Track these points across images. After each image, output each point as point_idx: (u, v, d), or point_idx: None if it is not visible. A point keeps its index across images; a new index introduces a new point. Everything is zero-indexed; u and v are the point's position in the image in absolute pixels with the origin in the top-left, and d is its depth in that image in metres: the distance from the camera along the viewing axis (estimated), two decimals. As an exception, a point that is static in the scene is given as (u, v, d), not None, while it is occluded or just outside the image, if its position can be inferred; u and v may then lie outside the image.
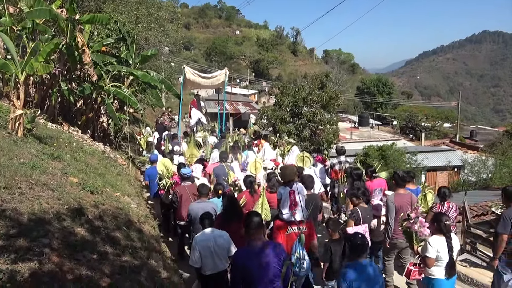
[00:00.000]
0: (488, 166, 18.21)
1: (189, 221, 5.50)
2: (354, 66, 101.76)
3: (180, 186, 6.55)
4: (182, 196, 6.30)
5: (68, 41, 8.53)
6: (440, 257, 4.07)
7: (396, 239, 5.28)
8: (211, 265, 4.22)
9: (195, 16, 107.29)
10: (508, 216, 4.56)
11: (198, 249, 4.18)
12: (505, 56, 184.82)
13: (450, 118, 39.29)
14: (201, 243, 4.22)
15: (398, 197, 5.29)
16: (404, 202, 5.17)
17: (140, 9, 16.37)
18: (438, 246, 4.07)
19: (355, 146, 23.99)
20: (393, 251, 5.52)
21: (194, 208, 5.40)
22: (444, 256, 4.07)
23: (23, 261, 2.64)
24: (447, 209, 5.34)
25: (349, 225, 5.10)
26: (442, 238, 4.09)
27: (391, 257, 5.60)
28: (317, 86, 16.35)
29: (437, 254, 4.06)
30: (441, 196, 5.45)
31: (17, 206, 3.38)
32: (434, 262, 4.10)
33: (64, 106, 10.53)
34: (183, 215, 6.16)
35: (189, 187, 6.37)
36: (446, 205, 5.39)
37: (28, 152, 5.11)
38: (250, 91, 50.64)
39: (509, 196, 4.70)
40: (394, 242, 5.33)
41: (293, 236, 4.34)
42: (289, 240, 4.31)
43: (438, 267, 4.13)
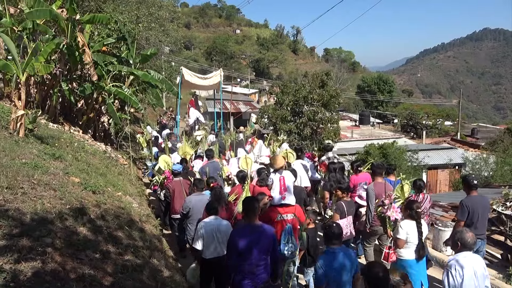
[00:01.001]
0: (489, 164, 18.18)
1: (186, 213, 5.70)
2: (355, 64, 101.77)
3: (173, 181, 6.87)
4: (175, 190, 6.63)
5: (68, 41, 8.54)
6: (410, 239, 4.49)
7: (376, 226, 5.67)
8: (213, 250, 4.47)
9: (195, 16, 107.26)
10: (466, 204, 5.03)
11: (202, 234, 4.43)
12: (506, 53, 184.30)
13: (451, 116, 39.25)
14: (206, 228, 4.46)
15: (377, 185, 5.75)
16: (381, 190, 5.59)
17: (140, 8, 16.36)
18: (408, 229, 4.50)
19: (356, 145, 23.97)
20: (373, 237, 5.94)
21: (192, 200, 5.70)
22: (413, 239, 4.49)
23: (26, 261, 2.66)
24: (421, 200, 5.78)
25: (335, 219, 5.31)
26: (412, 222, 4.53)
27: (371, 243, 6.00)
28: (318, 85, 16.34)
29: (407, 236, 4.49)
30: (416, 188, 5.92)
31: (19, 206, 3.40)
32: (404, 243, 4.52)
33: (65, 106, 10.55)
34: (177, 208, 6.45)
35: (182, 181, 6.69)
36: (421, 196, 5.86)
37: (29, 152, 5.13)
38: (250, 90, 50.60)
39: (468, 185, 5.17)
40: (374, 228, 5.72)
41: (282, 223, 4.62)
42: (277, 226, 4.61)
43: (408, 249, 4.55)
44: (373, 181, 6.03)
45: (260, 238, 3.78)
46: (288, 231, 4.56)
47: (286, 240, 4.53)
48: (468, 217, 5.02)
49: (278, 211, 4.76)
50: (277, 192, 4.80)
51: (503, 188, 8.80)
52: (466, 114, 68.66)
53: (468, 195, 5.20)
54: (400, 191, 5.80)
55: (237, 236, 3.81)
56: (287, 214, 4.74)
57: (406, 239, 4.50)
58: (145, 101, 14.87)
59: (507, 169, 16.93)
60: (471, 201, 5.07)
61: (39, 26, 8.27)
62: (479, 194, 5.37)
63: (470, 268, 3.57)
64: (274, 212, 4.79)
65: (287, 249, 4.55)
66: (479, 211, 5.04)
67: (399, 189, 5.81)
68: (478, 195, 5.27)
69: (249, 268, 3.78)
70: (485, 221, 5.25)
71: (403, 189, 5.80)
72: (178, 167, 7.02)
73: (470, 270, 3.56)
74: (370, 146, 18.95)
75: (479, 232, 5.03)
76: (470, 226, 5.00)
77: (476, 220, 5.03)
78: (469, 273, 3.55)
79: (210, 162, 7.98)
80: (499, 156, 19.05)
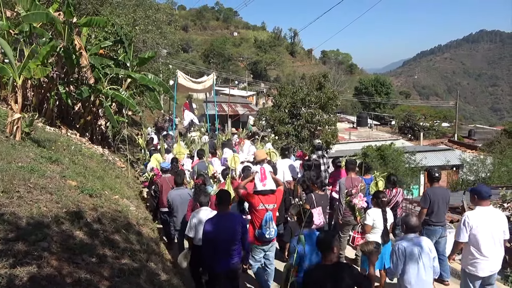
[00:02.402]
0: (487, 165, 18.23)
1: (169, 206, 6.27)
2: (352, 66, 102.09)
3: (161, 177, 7.46)
4: (163, 186, 7.20)
5: (65, 44, 8.52)
6: (376, 225, 5.14)
7: (348, 217, 6.24)
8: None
9: (192, 18, 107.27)
10: (428, 194, 5.63)
11: (194, 222, 4.94)
12: (503, 55, 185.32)
13: (448, 117, 39.42)
14: (197, 217, 4.97)
15: (348, 180, 6.39)
16: (352, 184, 6.23)
17: (137, 11, 16.35)
18: (374, 216, 5.15)
19: (354, 147, 24.01)
20: (347, 227, 6.52)
21: (172, 194, 6.29)
22: (379, 225, 5.12)
23: (22, 265, 2.63)
24: (395, 194, 6.42)
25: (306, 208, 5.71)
26: (379, 210, 5.16)
27: (346, 233, 6.57)
28: (315, 87, 16.35)
29: (373, 222, 5.13)
30: (391, 183, 6.52)
31: (15, 210, 3.37)
32: (370, 228, 5.18)
33: (62, 109, 10.51)
34: (165, 201, 6.94)
35: (169, 178, 7.27)
36: (394, 190, 6.44)
37: (26, 155, 5.10)
38: (248, 92, 50.63)
39: (431, 178, 5.79)
40: (346, 219, 6.32)
41: (264, 211, 5.09)
42: (260, 213, 5.11)
43: (374, 234, 5.14)
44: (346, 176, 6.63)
45: (231, 226, 4.29)
46: (269, 218, 5.05)
47: (267, 225, 5.05)
48: (430, 205, 5.58)
49: (260, 200, 5.15)
50: (258, 179, 5.27)
51: (500, 189, 8.81)
52: (463, 116, 68.93)
53: (430, 186, 5.82)
54: (375, 186, 6.62)
55: (210, 224, 4.28)
56: (269, 204, 5.14)
57: (373, 225, 5.15)
58: (142, 104, 14.88)
59: (504, 170, 16.98)
60: (433, 192, 5.64)
61: (35, 29, 8.24)
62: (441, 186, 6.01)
63: (414, 247, 3.95)
64: (257, 200, 5.14)
65: (268, 233, 5.03)
66: (439, 201, 5.59)
67: (374, 184, 6.67)
68: (439, 187, 5.85)
69: (222, 252, 4.27)
70: (445, 210, 5.77)
71: (378, 184, 6.63)
72: (166, 165, 7.64)
73: (414, 249, 3.94)
74: (367, 148, 18.98)
75: (440, 219, 5.67)
76: (431, 213, 5.60)
77: (436, 209, 5.59)
78: (411, 252, 3.93)
79: (200, 161, 8.71)
80: (496, 157, 19.10)
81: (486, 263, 4.41)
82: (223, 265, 4.31)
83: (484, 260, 4.40)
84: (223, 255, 4.29)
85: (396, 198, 6.39)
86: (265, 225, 5.03)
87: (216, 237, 4.22)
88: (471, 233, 4.45)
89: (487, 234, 4.40)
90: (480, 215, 4.47)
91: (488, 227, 4.40)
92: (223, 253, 4.29)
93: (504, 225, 4.48)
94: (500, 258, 4.54)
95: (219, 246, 4.26)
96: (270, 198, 5.17)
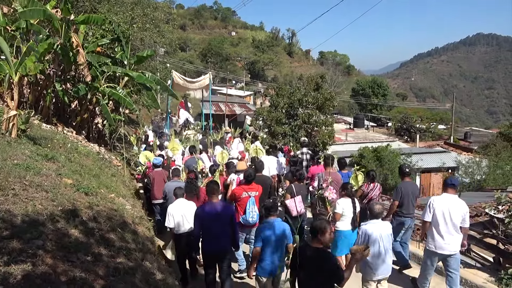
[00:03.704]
0: (482, 167, 18.33)
1: (165, 196, 6.91)
2: (350, 67, 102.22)
3: (153, 171, 8.08)
4: (155, 179, 7.86)
5: (62, 42, 8.48)
6: (345, 213, 5.68)
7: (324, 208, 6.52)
8: (182, 226, 5.55)
9: (190, 17, 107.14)
10: (400, 188, 6.19)
11: (172, 214, 5.52)
12: (499, 58, 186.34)
13: (445, 119, 39.58)
14: (174, 209, 5.57)
15: (325, 174, 6.89)
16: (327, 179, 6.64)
17: (135, 9, 16.29)
18: (344, 205, 5.68)
19: (350, 148, 24.05)
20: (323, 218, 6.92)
21: (169, 185, 6.84)
22: (348, 213, 5.67)
23: (16, 263, 2.62)
24: (373, 188, 6.82)
25: (286, 198, 6.50)
26: (348, 200, 5.72)
27: None
28: (313, 88, 16.35)
29: (342, 210, 5.66)
30: (369, 178, 6.95)
31: (10, 208, 3.35)
32: (340, 216, 5.69)
33: (58, 106, 10.47)
34: (156, 194, 7.74)
35: (160, 172, 8.02)
36: (372, 184, 6.85)
37: (22, 153, 5.08)
38: (245, 92, 50.60)
39: (402, 173, 6.42)
40: (323, 211, 6.53)
41: (247, 198, 5.78)
42: (244, 200, 5.78)
43: (343, 222, 5.72)
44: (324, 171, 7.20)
45: (219, 213, 4.73)
46: (252, 202, 5.71)
47: (250, 209, 5.68)
48: (401, 198, 6.12)
49: (244, 189, 5.88)
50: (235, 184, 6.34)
51: (495, 192, 8.82)
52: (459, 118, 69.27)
53: (402, 181, 6.41)
54: (354, 180, 7.22)
55: (201, 212, 4.81)
56: (251, 191, 5.86)
57: (342, 213, 5.68)
58: (139, 102, 14.85)
59: (499, 173, 17.08)
60: (404, 186, 6.20)
61: (32, 26, 8.20)
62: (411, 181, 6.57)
63: (376, 232, 4.59)
64: (240, 190, 5.94)
65: (251, 217, 5.69)
66: (409, 194, 6.15)
67: (354, 178, 7.27)
68: (409, 182, 6.42)
69: (212, 237, 4.74)
70: (414, 203, 6.30)
71: (357, 178, 7.24)
72: (158, 160, 8.22)
73: (376, 233, 4.58)
74: (364, 149, 19.04)
75: (410, 211, 6.23)
76: (401, 206, 6.15)
77: (406, 202, 6.13)
78: (374, 235, 4.57)
79: (191, 157, 9.40)
80: (492, 160, 19.21)
81: (443, 243, 5.07)
82: (214, 247, 4.78)
83: (441, 240, 5.08)
84: (214, 237, 4.75)
85: (373, 191, 6.85)
86: (249, 208, 5.68)
87: (207, 222, 4.71)
88: (434, 214, 5.12)
89: (447, 217, 5.05)
90: (444, 200, 5.13)
91: (449, 212, 5.04)
92: (214, 236, 4.75)
93: (464, 213, 5.05)
94: (457, 242, 5.11)
95: (211, 230, 4.73)
96: (252, 186, 5.93)
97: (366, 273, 4.73)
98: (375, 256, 4.58)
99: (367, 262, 4.60)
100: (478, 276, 5.81)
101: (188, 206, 5.63)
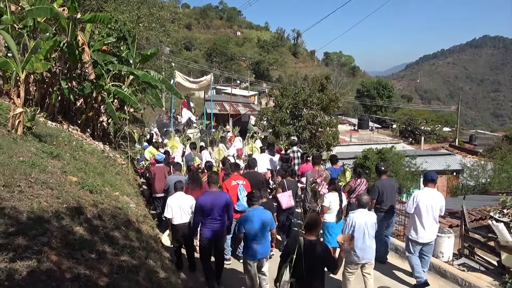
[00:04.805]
0: (487, 170, 18.19)
1: (167, 189, 7.39)
2: (355, 68, 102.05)
3: (155, 166, 8.61)
4: (156, 174, 8.34)
5: (69, 40, 8.52)
6: (332, 206, 6.14)
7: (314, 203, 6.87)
8: (179, 217, 6.04)
9: (196, 17, 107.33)
10: (377, 186, 6.62)
11: (171, 205, 6.02)
12: (506, 61, 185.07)
13: (450, 122, 39.34)
14: (173, 201, 6.05)
15: (313, 171, 7.36)
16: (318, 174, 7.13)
17: (141, 8, 16.34)
18: (331, 199, 6.16)
19: (355, 149, 23.99)
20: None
21: (171, 179, 7.36)
22: (335, 206, 6.13)
23: (22, 260, 2.64)
24: (359, 183, 7.25)
25: (278, 192, 7.16)
26: (335, 194, 6.18)
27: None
28: (317, 88, 16.31)
29: (329, 204, 6.13)
30: (356, 174, 7.45)
31: (16, 204, 3.37)
32: (327, 209, 6.16)
33: (64, 104, 10.51)
34: (157, 188, 8.26)
35: (161, 167, 8.48)
36: (359, 180, 7.31)
37: (27, 150, 5.11)
38: (250, 92, 50.60)
39: (378, 171, 6.89)
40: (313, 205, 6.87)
41: (236, 186, 6.42)
42: (233, 189, 6.40)
43: (330, 214, 6.16)
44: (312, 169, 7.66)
45: (217, 200, 5.32)
46: (242, 189, 6.36)
47: (242, 195, 6.25)
48: (379, 195, 6.54)
49: (231, 179, 6.62)
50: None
51: (500, 195, 8.80)
52: (464, 121, 68.84)
53: (379, 179, 6.81)
54: (343, 176, 7.99)
55: (202, 200, 5.33)
56: (238, 180, 6.55)
57: (329, 206, 6.14)
58: (144, 101, 14.89)
59: (505, 176, 16.94)
60: (381, 184, 6.64)
61: (39, 24, 8.24)
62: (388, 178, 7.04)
63: (362, 220, 5.12)
64: (229, 180, 6.63)
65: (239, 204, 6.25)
66: (387, 191, 6.56)
67: (342, 174, 8.05)
68: (386, 179, 6.86)
69: (210, 221, 5.32)
70: (393, 199, 6.73)
71: (345, 174, 8.02)
72: (161, 156, 8.77)
73: (361, 221, 5.11)
74: (368, 150, 18.95)
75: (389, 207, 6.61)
76: (382, 202, 6.56)
77: (385, 198, 6.54)
78: (359, 222, 5.10)
79: (188, 153, 10.22)
80: (497, 163, 19.06)
81: (424, 232, 5.67)
82: (212, 231, 5.36)
83: (422, 229, 5.66)
84: (212, 223, 5.34)
85: (360, 187, 7.25)
86: (240, 195, 6.29)
87: (206, 208, 5.27)
88: (417, 207, 5.69)
89: (429, 210, 5.64)
90: (425, 194, 5.71)
91: (429, 204, 5.64)
92: (213, 221, 5.34)
93: (442, 205, 5.72)
94: (435, 230, 5.81)
95: (209, 215, 5.30)
96: (237, 176, 6.68)
97: (351, 257, 5.21)
98: (360, 241, 5.09)
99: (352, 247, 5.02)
100: (482, 279, 5.79)
101: (186, 199, 6.08)
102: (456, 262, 6.75)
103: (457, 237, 7.00)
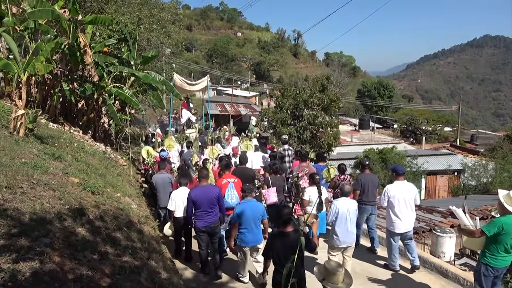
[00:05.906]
0: (489, 170, 18.18)
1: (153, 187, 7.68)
2: (355, 69, 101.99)
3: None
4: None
5: (70, 42, 8.55)
6: (311, 199, 6.54)
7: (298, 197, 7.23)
8: (181, 211, 6.39)
9: (197, 18, 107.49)
10: (360, 179, 7.15)
11: (174, 199, 6.43)
12: (507, 60, 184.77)
13: (451, 122, 39.26)
14: (177, 195, 6.45)
15: (300, 167, 7.80)
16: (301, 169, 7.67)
17: (142, 10, 16.34)
18: (310, 192, 6.60)
19: (356, 149, 24.01)
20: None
21: (155, 178, 7.70)
22: (314, 199, 6.50)
23: (24, 261, 2.65)
24: (343, 179, 7.51)
25: (263, 188, 7.55)
26: (314, 188, 6.65)
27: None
28: (318, 89, 16.35)
29: (309, 197, 6.56)
30: (340, 170, 7.75)
31: (18, 206, 3.39)
32: (307, 202, 6.59)
33: (65, 106, 10.53)
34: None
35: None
36: (342, 176, 7.61)
37: (29, 152, 5.13)
38: (251, 93, 50.64)
39: (362, 166, 7.52)
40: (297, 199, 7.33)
41: (226, 183, 6.69)
42: (225, 185, 6.66)
43: (311, 207, 6.48)
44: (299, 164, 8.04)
45: (207, 194, 5.70)
46: (231, 186, 6.62)
47: (229, 192, 6.57)
48: (361, 188, 7.01)
49: (224, 177, 6.89)
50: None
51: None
52: (465, 120, 68.77)
53: (362, 173, 7.46)
54: (327, 172, 8.39)
55: (192, 193, 5.71)
56: (229, 178, 6.81)
57: (309, 199, 6.56)
58: (145, 102, 14.93)
59: (506, 176, 16.93)
60: (363, 177, 7.17)
61: (41, 26, 8.27)
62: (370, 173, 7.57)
63: (344, 207, 5.58)
64: (221, 178, 6.93)
65: (230, 199, 6.52)
66: (369, 184, 7.02)
67: (327, 171, 8.44)
68: (369, 173, 7.40)
69: (202, 214, 5.71)
70: (374, 192, 7.15)
71: (330, 171, 8.43)
72: (165, 154, 9.20)
73: (344, 208, 5.57)
74: (369, 150, 18.99)
75: (370, 199, 7.10)
76: (363, 194, 7.02)
77: (367, 190, 7.02)
78: (342, 209, 5.55)
79: (187, 151, 10.52)
80: (498, 162, 19.04)
81: (401, 223, 6.00)
82: (205, 222, 5.74)
83: (399, 220, 6.00)
84: (204, 214, 5.71)
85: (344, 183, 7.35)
86: (228, 191, 6.55)
87: (199, 201, 5.64)
88: (390, 200, 6.05)
89: (401, 201, 5.98)
90: (396, 187, 6.09)
91: (402, 196, 5.99)
92: (204, 213, 5.71)
93: (414, 194, 6.08)
94: (412, 219, 6.14)
95: (201, 208, 5.67)
96: (228, 175, 6.93)
97: (333, 242, 5.67)
98: (342, 226, 5.55)
99: (334, 231, 5.64)
100: (484, 279, 5.76)
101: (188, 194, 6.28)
102: (457, 262, 6.74)
103: (458, 237, 6.98)
